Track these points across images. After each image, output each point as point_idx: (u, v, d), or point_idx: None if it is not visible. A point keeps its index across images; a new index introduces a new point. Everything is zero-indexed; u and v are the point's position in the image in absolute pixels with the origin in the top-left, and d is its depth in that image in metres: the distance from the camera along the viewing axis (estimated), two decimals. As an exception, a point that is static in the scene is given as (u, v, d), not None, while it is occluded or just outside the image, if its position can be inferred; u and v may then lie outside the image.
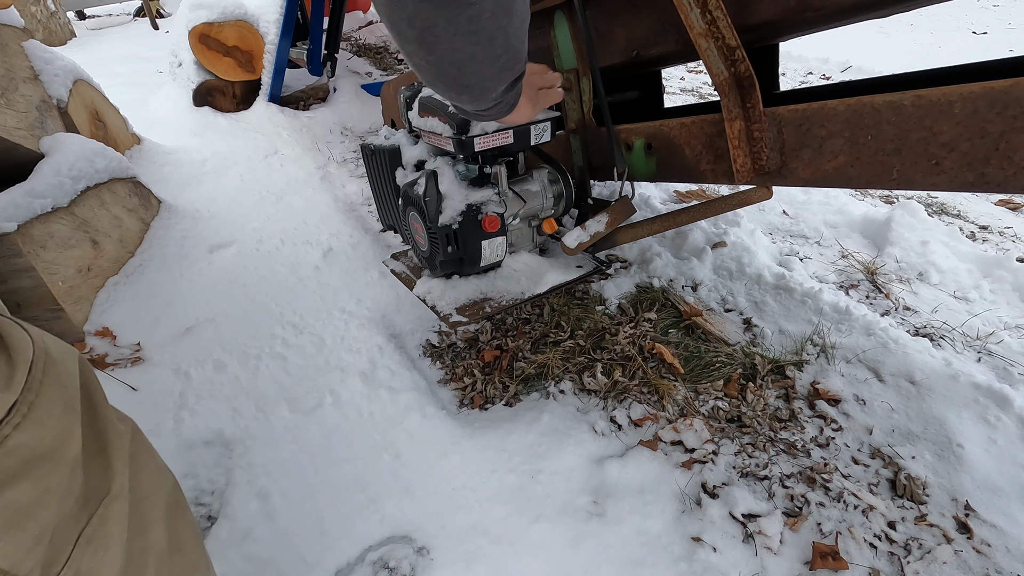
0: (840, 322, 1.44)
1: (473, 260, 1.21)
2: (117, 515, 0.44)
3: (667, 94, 3.41)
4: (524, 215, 1.31)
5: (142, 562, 0.45)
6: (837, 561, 0.95)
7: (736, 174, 1.03)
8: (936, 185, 0.80)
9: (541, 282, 1.29)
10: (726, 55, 0.94)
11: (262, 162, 2.38)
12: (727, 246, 1.74)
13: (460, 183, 1.19)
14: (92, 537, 0.42)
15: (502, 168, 1.24)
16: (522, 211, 1.29)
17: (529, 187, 1.30)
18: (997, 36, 4.52)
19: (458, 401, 1.34)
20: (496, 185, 1.23)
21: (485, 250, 1.20)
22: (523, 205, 1.29)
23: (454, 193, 1.18)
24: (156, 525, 0.48)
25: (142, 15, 6.60)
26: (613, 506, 1.05)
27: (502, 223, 1.19)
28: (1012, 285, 1.62)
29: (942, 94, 0.75)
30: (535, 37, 1.45)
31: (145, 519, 0.47)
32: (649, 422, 1.22)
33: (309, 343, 1.46)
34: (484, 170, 1.23)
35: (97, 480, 0.43)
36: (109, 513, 0.43)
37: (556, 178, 1.34)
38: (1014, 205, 2.22)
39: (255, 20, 2.64)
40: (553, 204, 1.34)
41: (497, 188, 1.22)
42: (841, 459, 1.13)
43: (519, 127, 1.17)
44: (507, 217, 1.26)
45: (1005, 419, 1.16)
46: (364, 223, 1.96)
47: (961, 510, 1.03)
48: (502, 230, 1.20)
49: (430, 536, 1.03)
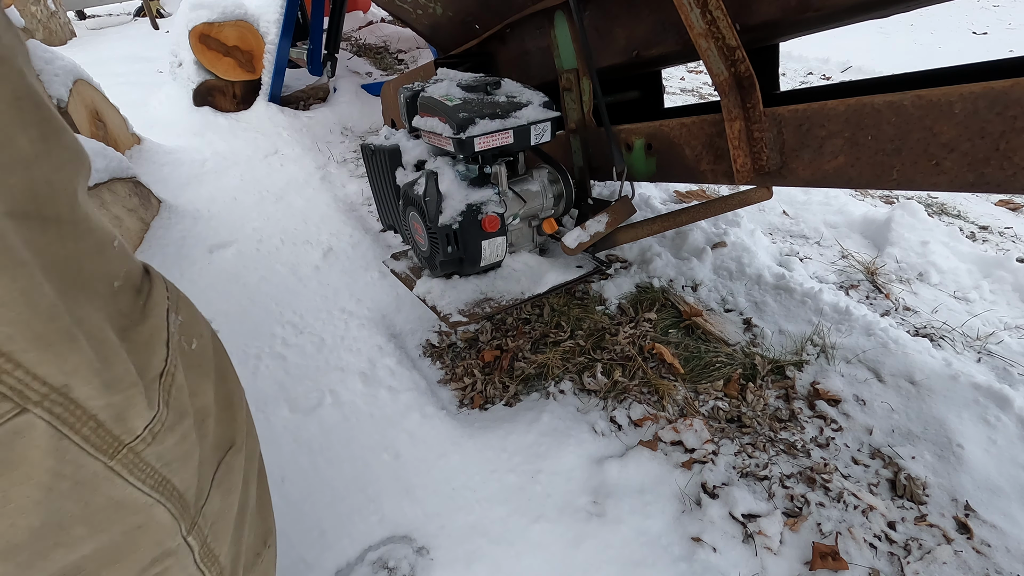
0: (840, 322, 1.44)
1: (473, 260, 1.21)
2: (238, 466, 0.49)
3: (667, 94, 3.41)
4: (524, 215, 1.31)
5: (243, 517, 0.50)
6: (837, 561, 0.95)
7: (736, 174, 1.03)
8: (936, 185, 0.80)
9: (541, 282, 1.29)
10: (726, 55, 0.94)
11: (262, 162, 2.38)
12: (727, 246, 1.74)
13: (460, 183, 1.19)
14: (221, 480, 0.47)
15: (502, 168, 1.24)
16: (522, 211, 1.30)
17: (529, 187, 1.30)
18: (997, 36, 4.52)
19: (458, 401, 1.34)
20: (496, 185, 1.23)
21: (485, 250, 1.20)
22: (523, 205, 1.29)
23: (454, 193, 1.18)
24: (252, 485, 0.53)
25: (142, 15, 6.60)
26: (613, 506, 1.05)
27: (502, 223, 1.19)
28: (1012, 285, 1.62)
29: (942, 94, 0.75)
30: (535, 37, 1.45)
31: (248, 477, 0.52)
32: (649, 422, 1.22)
33: (309, 343, 1.46)
34: (484, 170, 1.23)
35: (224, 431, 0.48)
36: (233, 462, 0.49)
37: (556, 178, 1.34)
38: (1014, 205, 2.22)
39: (255, 20, 2.64)
40: (553, 204, 1.34)
41: (497, 188, 1.22)
42: (841, 459, 1.13)
43: (519, 127, 1.17)
44: (507, 217, 1.26)
45: (1005, 419, 1.16)
46: (364, 223, 1.96)
47: (961, 510, 1.03)
48: (502, 230, 1.20)
49: (430, 536, 1.03)
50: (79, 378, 0.33)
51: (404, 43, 4.01)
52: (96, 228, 0.38)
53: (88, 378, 0.33)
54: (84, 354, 0.33)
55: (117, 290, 0.40)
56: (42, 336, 0.31)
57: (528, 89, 1.24)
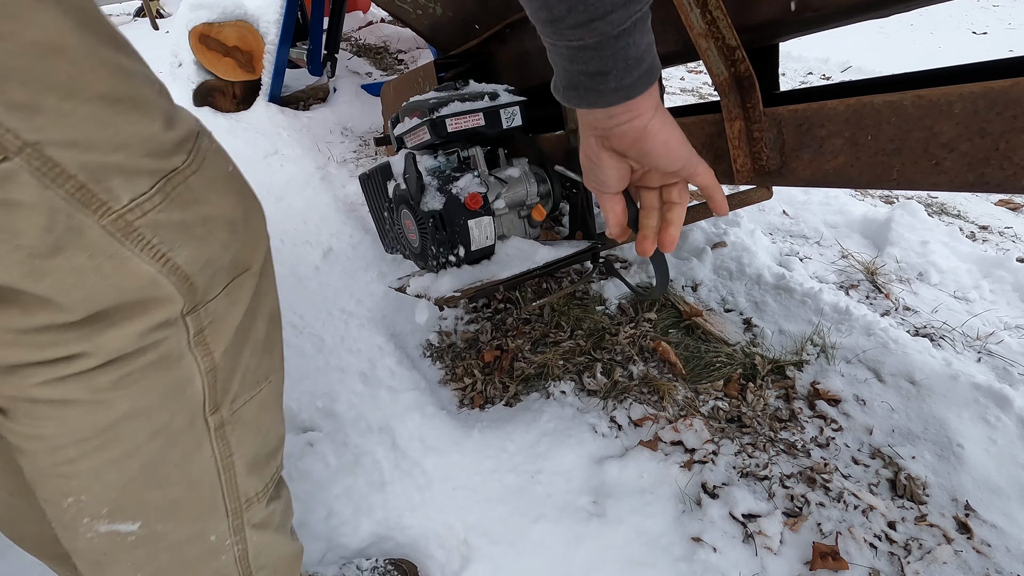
0: (840, 322, 1.44)
1: (464, 242, 1.22)
2: (248, 287, 0.52)
3: (667, 94, 3.41)
4: (510, 202, 1.32)
5: (244, 339, 0.52)
6: (837, 561, 0.95)
7: (736, 174, 1.03)
8: (936, 185, 0.80)
9: (534, 260, 1.29)
10: (726, 55, 0.94)
11: (262, 162, 2.38)
12: (727, 246, 1.74)
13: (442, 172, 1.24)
14: (231, 291, 0.49)
15: (479, 150, 1.29)
16: (505, 193, 1.31)
17: (509, 172, 1.33)
18: (997, 36, 4.52)
19: (458, 401, 1.34)
20: (475, 168, 1.27)
21: (472, 230, 1.21)
22: (505, 186, 1.31)
23: (435, 182, 1.22)
24: (261, 320, 0.55)
25: (142, 15, 6.60)
26: (613, 506, 1.05)
27: (485, 201, 1.21)
28: (1012, 285, 1.62)
29: (942, 94, 0.75)
30: (535, 37, 1.45)
31: (257, 309, 0.54)
32: (649, 422, 1.22)
33: (309, 343, 1.46)
34: (461, 155, 1.28)
35: (245, 250, 0.50)
36: (246, 281, 0.51)
37: (544, 177, 1.35)
38: (1014, 205, 2.22)
39: (255, 20, 2.64)
40: (538, 191, 1.36)
41: (476, 171, 1.25)
42: (841, 459, 1.13)
43: (489, 108, 1.20)
44: (490, 197, 1.28)
45: (1005, 419, 1.16)
46: (364, 223, 1.96)
47: (961, 510, 1.03)
48: (486, 208, 1.21)
49: (430, 536, 1.03)
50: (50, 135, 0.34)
51: (404, 43, 4.01)
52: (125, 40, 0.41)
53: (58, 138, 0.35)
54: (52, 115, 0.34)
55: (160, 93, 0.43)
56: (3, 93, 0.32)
57: (494, 84, 1.31)
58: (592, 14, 0.38)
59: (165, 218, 0.42)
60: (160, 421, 0.47)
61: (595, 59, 0.41)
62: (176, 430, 0.48)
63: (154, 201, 0.41)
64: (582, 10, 0.38)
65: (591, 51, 0.40)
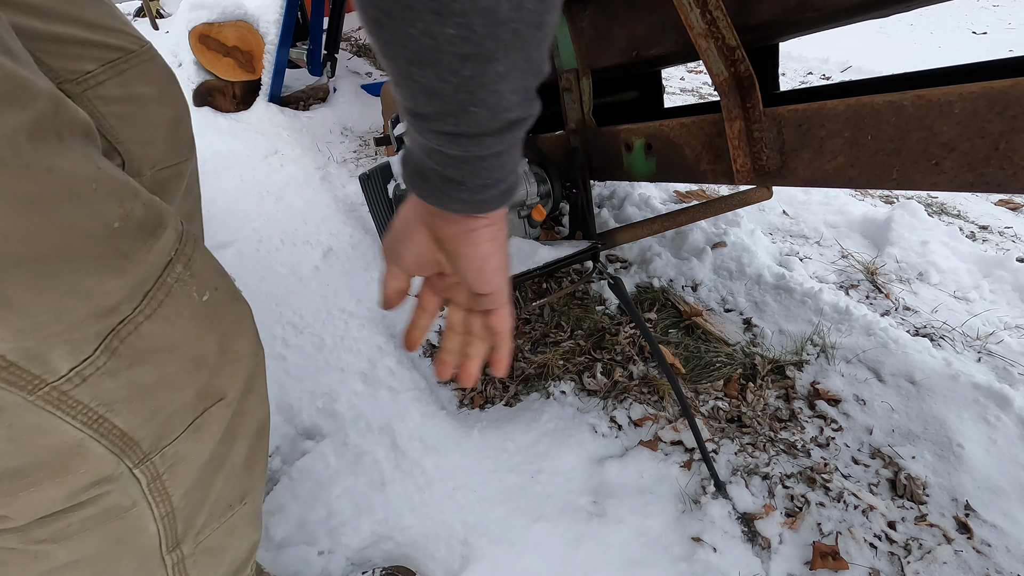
0: (840, 322, 1.44)
1: None
2: (221, 418, 0.49)
3: (667, 94, 3.41)
4: None
5: (219, 465, 0.51)
6: (837, 561, 0.95)
7: (736, 174, 1.03)
8: (936, 185, 0.80)
9: (534, 260, 1.29)
10: (726, 55, 0.94)
11: (262, 162, 2.38)
12: (727, 246, 1.74)
13: None
14: (199, 427, 0.47)
15: None
16: None
17: None
18: (997, 36, 4.52)
19: (458, 401, 1.34)
20: None
21: None
22: None
23: None
24: (241, 442, 0.53)
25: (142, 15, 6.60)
26: (613, 506, 1.05)
27: None
28: (1012, 285, 1.62)
29: (942, 94, 0.75)
30: (535, 37, 1.45)
31: (237, 432, 0.52)
32: (649, 422, 1.22)
33: (309, 343, 1.46)
34: None
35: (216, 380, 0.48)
36: (217, 413, 0.48)
37: (544, 177, 1.35)
38: (1014, 205, 2.22)
39: (255, 20, 2.64)
40: (538, 191, 1.35)
41: None
42: (841, 459, 1.13)
43: None
44: None
45: (1005, 419, 1.16)
46: (364, 223, 1.96)
47: (961, 510, 1.03)
48: None
49: (430, 536, 1.03)
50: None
51: (404, 43, 4.01)
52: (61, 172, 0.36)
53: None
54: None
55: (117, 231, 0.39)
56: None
57: None
58: (460, 129, 0.33)
59: (108, 379, 0.39)
60: (105, 567, 0.45)
61: (452, 167, 0.36)
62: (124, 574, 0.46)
63: (97, 364, 0.38)
64: (452, 122, 0.32)
65: (450, 159, 0.35)
